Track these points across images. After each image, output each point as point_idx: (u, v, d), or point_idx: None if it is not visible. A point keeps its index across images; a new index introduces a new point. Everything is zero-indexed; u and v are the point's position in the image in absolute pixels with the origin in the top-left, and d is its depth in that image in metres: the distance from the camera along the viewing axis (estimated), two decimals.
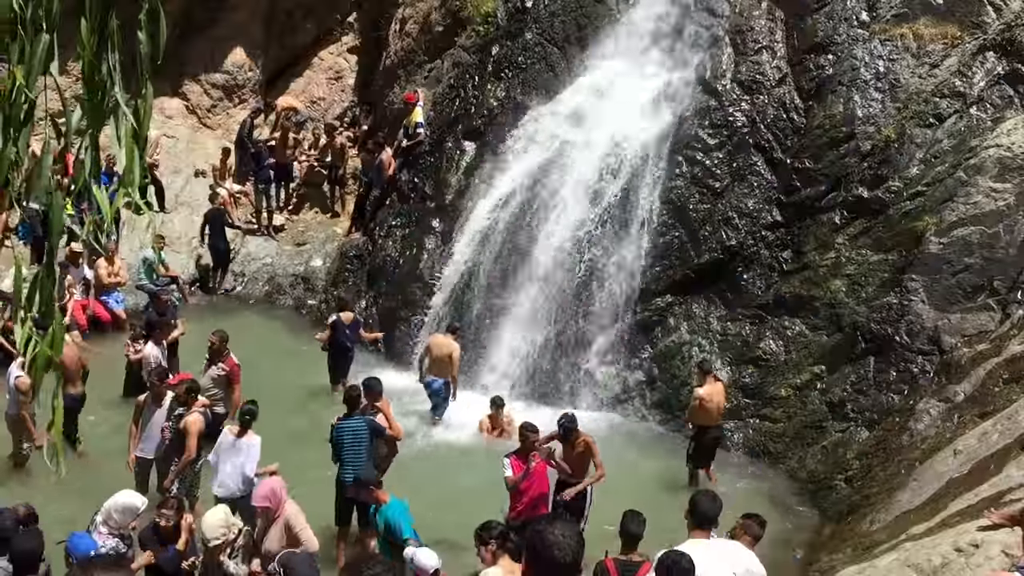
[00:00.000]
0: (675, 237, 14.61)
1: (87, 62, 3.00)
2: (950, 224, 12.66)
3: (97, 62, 2.99)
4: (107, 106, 3.00)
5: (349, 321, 14.33)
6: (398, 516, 8.42)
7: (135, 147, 3.06)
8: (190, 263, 18.29)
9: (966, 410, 10.73)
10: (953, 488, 8.91)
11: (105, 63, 2.99)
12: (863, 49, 14.29)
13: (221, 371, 11.66)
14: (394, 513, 8.45)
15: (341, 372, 14.12)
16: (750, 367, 13.69)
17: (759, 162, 14.49)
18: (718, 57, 15.27)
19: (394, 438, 10.52)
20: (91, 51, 2.97)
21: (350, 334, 14.27)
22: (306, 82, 21.30)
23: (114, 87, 3.00)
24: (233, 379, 11.65)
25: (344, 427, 9.96)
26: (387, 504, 8.53)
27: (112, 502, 7.95)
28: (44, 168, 2.98)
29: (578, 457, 10.09)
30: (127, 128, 3.04)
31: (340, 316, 14.31)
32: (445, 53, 18.27)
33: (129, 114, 3.04)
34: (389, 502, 8.53)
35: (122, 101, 3.01)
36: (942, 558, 6.84)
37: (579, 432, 10.13)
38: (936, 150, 13.31)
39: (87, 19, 2.91)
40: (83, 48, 2.98)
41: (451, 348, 13.44)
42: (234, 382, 11.64)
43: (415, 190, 17.17)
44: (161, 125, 19.52)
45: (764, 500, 11.54)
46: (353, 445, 9.87)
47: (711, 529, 6.21)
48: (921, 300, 12.54)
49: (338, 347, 14.16)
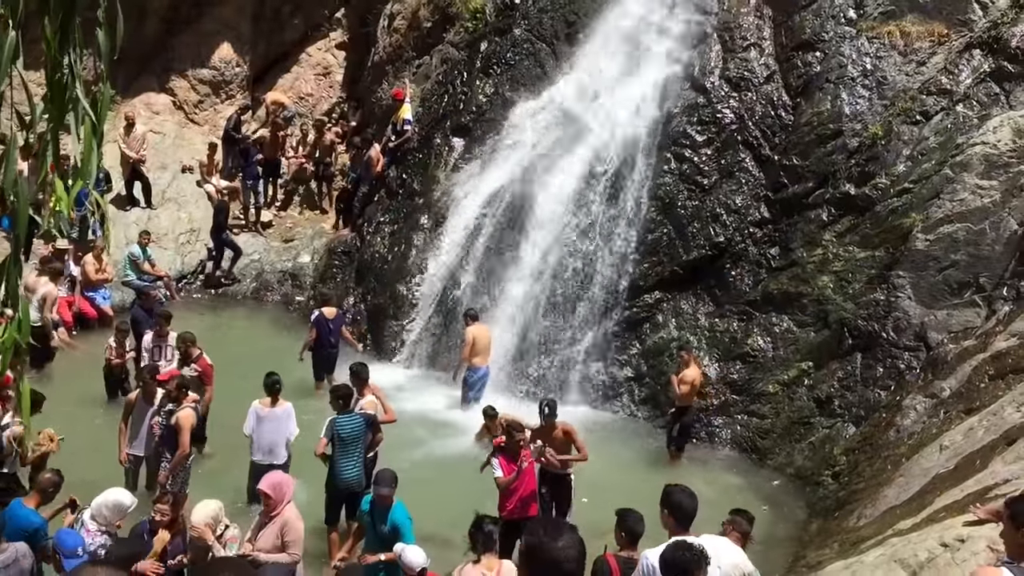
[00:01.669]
0: (663, 234, 14.63)
1: (50, 58, 3.03)
2: (936, 221, 12.72)
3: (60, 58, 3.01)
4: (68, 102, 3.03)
5: (332, 316, 14.13)
6: (406, 521, 8.38)
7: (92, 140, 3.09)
8: (177, 259, 18.20)
9: (952, 406, 10.78)
10: (939, 484, 8.95)
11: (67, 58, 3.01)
12: (850, 47, 14.33)
13: (194, 371, 11.60)
14: (403, 517, 8.40)
15: (325, 369, 13.92)
16: (738, 363, 13.73)
17: (747, 159, 14.52)
18: (706, 54, 15.29)
19: (387, 421, 10.60)
20: (54, 47, 3.00)
21: (333, 328, 14.05)
22: (294, 78, 21.23)
23: (75, 82, 3.02)
24: (206, 380, 11.59)
25: (343, 423, 9.88)
26: (395, 506, 8.46)
27: (102, 499, 7.91)
28: (10, 160, 3.01)
29: (560, 446, 10.12)
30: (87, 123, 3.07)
31: (322, 311, 14.12)
32: (434, 49, 18.24)
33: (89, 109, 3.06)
34: (396, 504, 8.49)
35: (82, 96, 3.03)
36: (928, 553, 6.86)
37: (555, 423, 10.17)
38: (923, 147, 13.37)
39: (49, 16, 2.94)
40: (47, 45, 3.01)
41: (489, 333, 13.96)
42: (206, 383, 11.58)
43: (403, 186, 17.14)
44: (148, 120, 19.44)
45: (752, 495, 11.58)
46: (349, 442, 9.83)
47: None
48: (908, 297, 12.59)
49: (320, 343, 13.92)
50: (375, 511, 8.55)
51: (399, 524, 8.35)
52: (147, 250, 16.85)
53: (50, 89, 3.06)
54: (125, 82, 19.17)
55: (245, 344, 15.80)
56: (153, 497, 8.66)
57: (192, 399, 10.31)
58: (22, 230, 3.20)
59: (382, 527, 8.44)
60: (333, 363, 13.98)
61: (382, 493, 8.45)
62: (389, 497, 8.45)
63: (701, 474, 12.07)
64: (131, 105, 19.18)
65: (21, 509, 7.88)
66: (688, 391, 12.62)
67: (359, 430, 9.91)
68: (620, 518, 7.24)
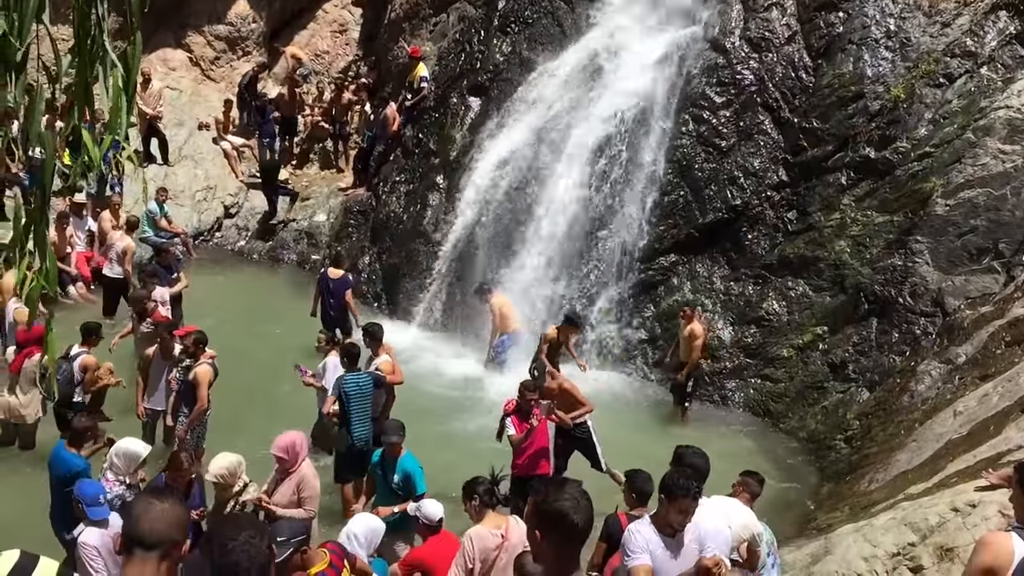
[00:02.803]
0: (680, 196, 14.54)
1: (77, 11, 3.00)
2: (957, 186, 12.57)
3: (87, 10, 2.98)
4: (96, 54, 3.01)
5: (335, 277, 13.68)
6: (416, 469, 8.47)
7: (122, 94, 3.07)
8: (193, 216, 18.26)
9: (967, 372, 10.74)
10: (952, 449, 8.95)
11: (94, 12, 2.99)
12: (874, 7, 14.09)
13: (150, 327, 11.64)
14: (413, 465, 8.48)
15: (329, 326, 13.29)
16: (752, 327, 13.70)
17: (766, 121, 14.37)
18: (727, 14, 15.08)
19: (395, 383, 10.62)
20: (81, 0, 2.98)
21: (333, 289, 13.56)
22: (310, 35, 21.11)
23: (102, 35, 2.99)
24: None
25: (350, 381, 9.92)
26: (403, 456, 8.56)
27: (116, 447, 8.00)
28: (36, 113, 3.00)
29: (567, 405, 10.10)
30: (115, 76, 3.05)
31: (327, 271, 13.84)
32: (451, 7, 18.06)
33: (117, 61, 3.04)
34: (405, 454, 8.58)
35: (110, 49, 3.01)
36: (939, 517, 6.89)
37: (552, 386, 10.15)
38: (945, 111, 13.18)
39: None
40: None
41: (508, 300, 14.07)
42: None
43: (419, 146, 17.07)
44: (164, 77, 19.41)
45: (764, 459, 11.62)
46: (359, 400, 9.87)
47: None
48: (926, 262, 12.50)
49: (321, 301, 13.62)
50: (385, 463, 8.65)
51: (410, 472, 8.45)
52: (164, 206, 16.91)
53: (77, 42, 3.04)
54: (142, 38, 19.08)
55: (260, 301, 15.89)
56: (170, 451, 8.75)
57: (209, 355, 10.38)
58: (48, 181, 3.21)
59: (393, 477, 8.53)
60: (332, 323, 13.49)
61: (391, 441, 8.54)
62: (398, 445, 8.54)
63: (714, 437, 12.07)
64: (148, 61, 19.11)
65: (64, 452, 8.05)
66: (701, 346, 12.73)
67: (367, 389, 9.94)
68: (629, 479, 7.28)
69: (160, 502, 3.06)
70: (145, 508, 3.03)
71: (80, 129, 3.16)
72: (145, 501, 3.09)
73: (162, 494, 3.13)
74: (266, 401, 11.92)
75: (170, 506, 3.04)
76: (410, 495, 8.34)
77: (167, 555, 2.99)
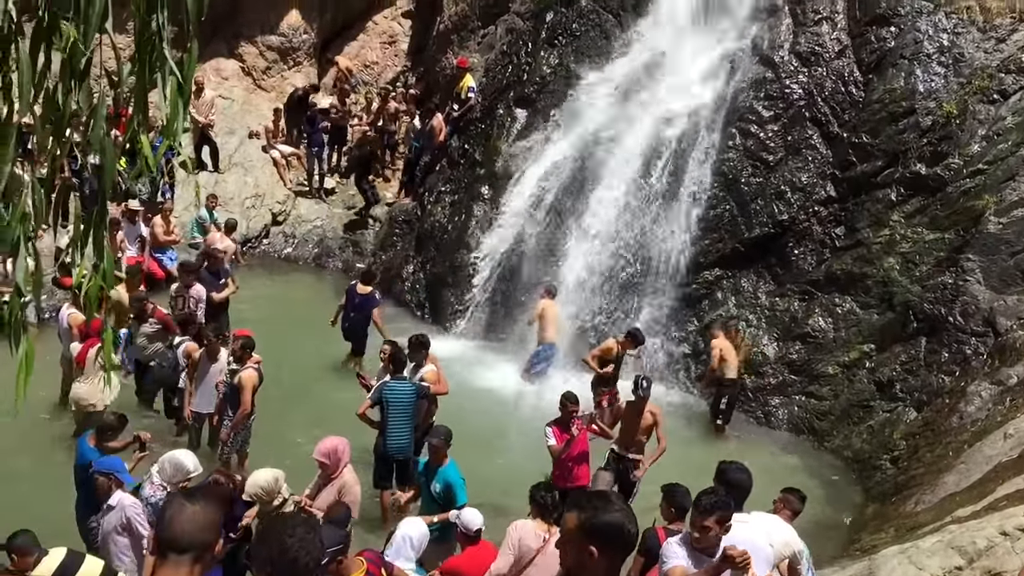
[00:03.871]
0: (726, 210, 14.45)
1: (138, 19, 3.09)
2: (1010, 204, 12.35)
3: (148, 18, 3.07)
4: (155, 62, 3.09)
5: (364, 293, 13.43)
6: (458, 480, 8.48)
7: (179, 100, 3.15)
8: (242, 223, 18.51)
9: (1019, 394, 10.53)
10: (1002, 472, 8.77)
11: (154, 21, 3.07)
12: (927, 22, 13.92)
13: (155, 326, 11.74)
14: (455, 476, 8.49)
15: (354, 346, 13.44)
16: (798, 343, 13.55)
17: (815, 136, 14.24)
18: (776, 27, 14.99)
19: (439, 393, 10.59)
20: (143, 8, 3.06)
21: (358, 304, 13.34)
22: (360, 46, 21.37)
23: (162, 43, 3.08)
24: (169, 329, 11.74)
25: (393, 388, 9.89)
26: (447, 465, 8.57)
27: (169, 455, 8.08)
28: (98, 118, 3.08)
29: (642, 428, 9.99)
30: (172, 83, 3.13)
31: (356, 286, 13.58)
32: (499, 19, 18.17)
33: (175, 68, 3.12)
34: (448, 464, 8.60)
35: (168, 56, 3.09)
36: (987, 541, 6.76)
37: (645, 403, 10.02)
38: (999, 127, 12.96)
39: None
40: (135, 6, 3.07)
41: (557, 310, 13.92)
42: (170, 332, 11.72)
43: (465, 156, 17.17)
44: (217, 86, 19.76)
45: (807, 477, 11.47)
46: (398, 408, 9.80)
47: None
48: (977, 281, 12.28)
49: (344, 313, 13.51)
50: (428, 470, 8.69)
51: (452, 482, 8.46)
52: (214, 213, 17.17)
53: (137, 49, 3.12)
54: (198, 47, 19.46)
55: (306, 308, 16.05)
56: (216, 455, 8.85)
57: (255, 360, 10.51)
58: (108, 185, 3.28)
59: (435, 486, 8.56)
60: (350, 336, 13.50)
61: (433, 443, 8.59)
62: (440, 451, 8.55)
63: (756, 453, 11.95)
64: (201, 70, 19.46)
65: (84, 444, 8.38)
66: (718, 362, 12.67)
67: (409, 398, 9.89)
68: (667, 493, 7.24)
69: (192, 504, 3.06)
70: (178, 510, 3.04)
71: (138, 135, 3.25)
72: (178, 503, 3.09)
73: (193, 496, 3.14)
74: (311, 406, 12.02)
75: (201, 508, 3.05)
76: (450, 505, 8.33)
77: (199, 559, 3.01)
